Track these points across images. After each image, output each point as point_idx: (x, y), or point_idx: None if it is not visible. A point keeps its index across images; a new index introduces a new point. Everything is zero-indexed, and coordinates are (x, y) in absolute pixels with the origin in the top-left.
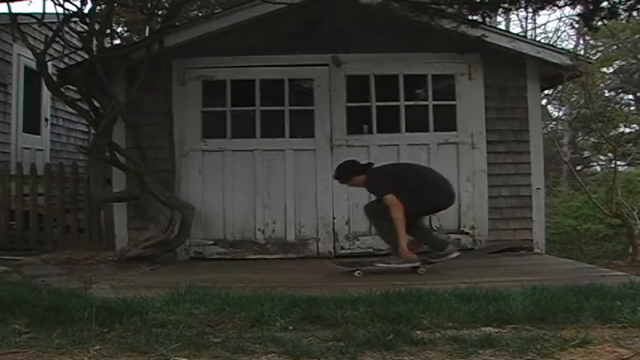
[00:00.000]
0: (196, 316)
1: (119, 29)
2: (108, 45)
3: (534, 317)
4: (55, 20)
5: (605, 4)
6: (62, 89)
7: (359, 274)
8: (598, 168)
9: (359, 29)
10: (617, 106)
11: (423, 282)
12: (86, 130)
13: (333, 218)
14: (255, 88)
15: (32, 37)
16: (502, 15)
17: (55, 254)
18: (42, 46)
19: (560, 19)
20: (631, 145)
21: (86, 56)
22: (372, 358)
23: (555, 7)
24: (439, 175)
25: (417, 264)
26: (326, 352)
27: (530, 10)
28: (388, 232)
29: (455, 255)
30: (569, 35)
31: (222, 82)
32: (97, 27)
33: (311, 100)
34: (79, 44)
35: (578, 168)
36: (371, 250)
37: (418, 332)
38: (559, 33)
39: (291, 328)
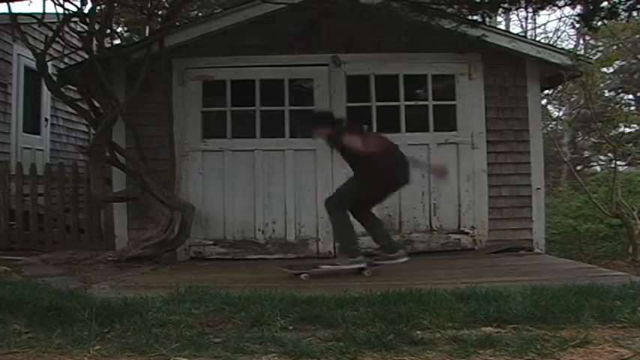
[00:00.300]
0: (196, 316)
1: (119, 29)
2: (108, 45)
3: (534, 317)
4: (55, 20)
5: (605, 4)
6: (62, 89)
7: (305, 277)
8: (598, 168)
9: (359, 29)
10: (617, 106)
11: (423, 282)
12: (86, 130)
13: None
14: (255, 88)
15: (32, 37)
16: (502, 15)
17: (55, 254)
18: (42, 46)
19: (560, 19)
20: (631, 145)
21: (86, 56)
22: (372, 358)
23: (555, 7)
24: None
25: (363, 265)
26: (326, 352)
27: (530, 10)
28: (339, 228)
29: (404, 260)
30: (569, 35)
31: (222, 82)
32: (97, 27)
33: (311, 100)
34: (79, 44)
35: (578, 168)
36: (370, 250)
37: (418, 332)
38: (559, 33)
39: (291, 328)
